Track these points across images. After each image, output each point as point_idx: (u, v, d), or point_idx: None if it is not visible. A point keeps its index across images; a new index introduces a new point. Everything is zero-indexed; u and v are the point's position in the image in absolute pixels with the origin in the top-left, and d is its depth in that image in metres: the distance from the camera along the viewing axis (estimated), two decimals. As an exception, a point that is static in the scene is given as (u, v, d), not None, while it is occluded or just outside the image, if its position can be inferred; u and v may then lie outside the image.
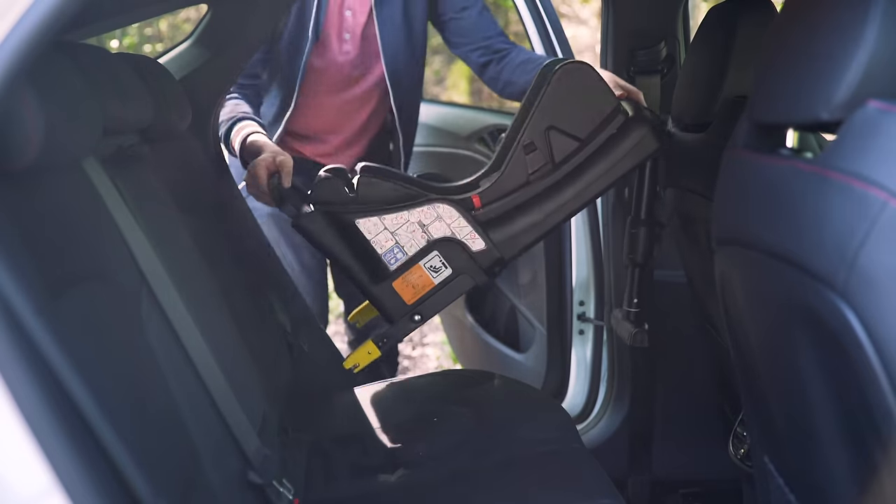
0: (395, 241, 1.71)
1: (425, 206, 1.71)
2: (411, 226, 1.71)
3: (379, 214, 1.70)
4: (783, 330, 1.06)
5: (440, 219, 1.72)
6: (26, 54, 0.84)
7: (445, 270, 1.73)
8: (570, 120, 1.75)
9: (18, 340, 0.81)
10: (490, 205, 1.75)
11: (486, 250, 1.73)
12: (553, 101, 1.74)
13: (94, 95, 1.13)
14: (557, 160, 1.75)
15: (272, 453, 1.41)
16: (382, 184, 1.74)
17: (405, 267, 1.72)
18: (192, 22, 6.33)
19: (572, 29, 7.23)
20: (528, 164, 1.75)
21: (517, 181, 1.76)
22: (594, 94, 1.76)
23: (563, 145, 1.74)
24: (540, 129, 1.74)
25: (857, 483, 1.00)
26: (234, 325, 1.60)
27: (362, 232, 1.70)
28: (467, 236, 1.72)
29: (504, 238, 1.74)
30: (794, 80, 1.00)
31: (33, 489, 0.80)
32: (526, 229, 1.75)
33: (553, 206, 1.75)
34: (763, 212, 1.07)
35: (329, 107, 2.30)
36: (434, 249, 1.72)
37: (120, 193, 1.23)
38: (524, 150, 1.75)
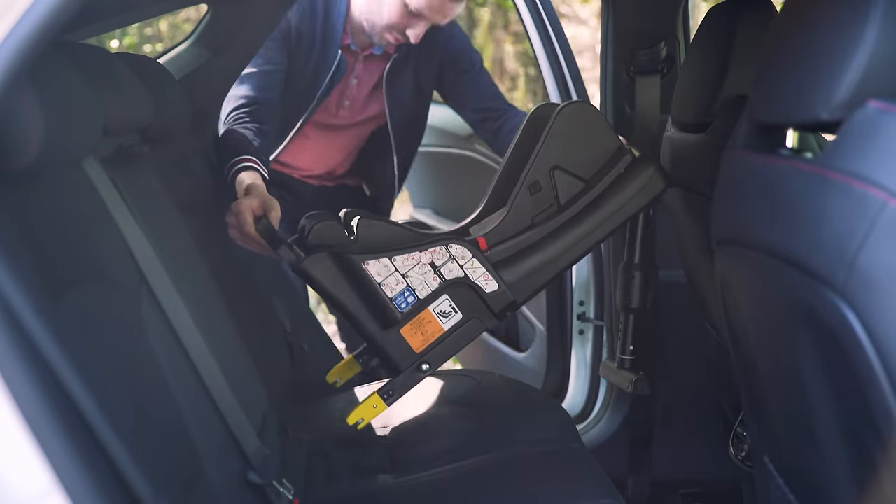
0: (406, 284, 1.62)
1: (438, 246, 1.63)
2: (423, 267, 1.62)
3: (389, 256, 1.61)
4: (783, 330, 1.06)
5: (453, 259, 1.64)
6: (26, 54, 0.84)
7: (455, 315, 1.65)
8: (575, 160, 1.71)
9: (18, 340, 0.81)
10: (496, 246, 1.70)
11: (499, 293, 1.66)
12: (557, 141, 1.70)
13: (94, 95, 1.13)
14: (563, 201, 1.71)
15: (272, 453, 1.41)
16: (383, 225, 1.67)
17: (415, 312, 1.63)
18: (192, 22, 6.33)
19: (572, 29, 7.23)
20: (532, 206, 1.71)
21: (522, 223, 1.71)
22: (598, 134, 1.73)
23: (568, 186, 1.71)
24: (544, 170, 1.70)
25: (857, 483, 1.00)
26: (234, 325, 1.60)
27: (371, 275, 1.60)
28: (480, 278, 1.65)
29: (516, 279, 1.68)
30: (794, 79, 1.00)
31: (33, 489, 0.80)
32: (537, 269, 1.69)
33: (562, 247, 1.70)
34: (763, 212, 1.07)
35: (319, 144, 2.32)
36: (445, 293, 1.64)
37: (120, 193, 1.23)
38: (529, 190, 1.71)
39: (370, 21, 2.08)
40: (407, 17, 2.04)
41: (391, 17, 2.04)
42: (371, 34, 2.11)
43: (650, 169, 1.72)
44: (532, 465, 1.63)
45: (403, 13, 2.03)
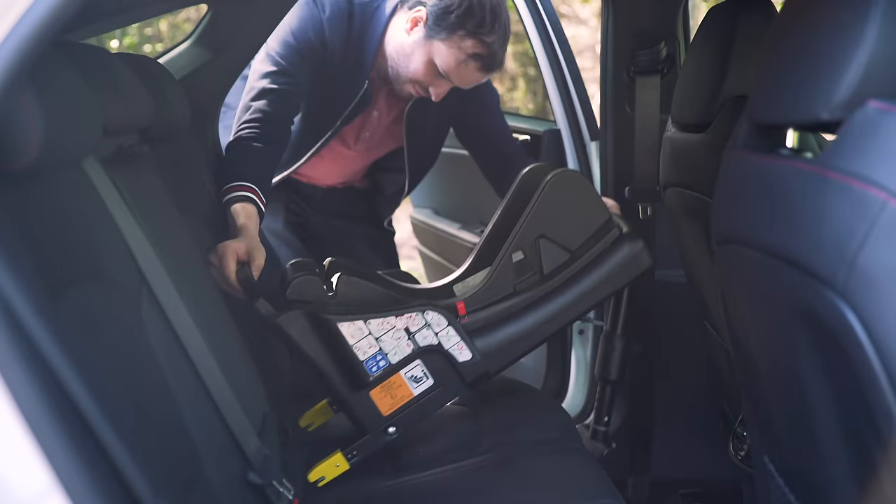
0: (378, 348, 1.60)
1: (414, 312, 1.61)
2: (397, 332, 1.60)
3: (364, 318, 1.59)
4: (783, 330, 1.06)
5: (428, 326, 1.62)
6: (26, 54, 0.84)
7: (427, 381, 1.63)
8: (562, 230, 1.70)
9: (18, 340, 0.81)
10: (475, 313, 1.68)
11: (473, 363, 1.64)
12: (545, 210, 1.68)
13: (94, 95, 1.13)
14: (546, 271, 1.69)
15: (272, 453, 1.41)
16: (364, 284, 1.66)
17: (385, 375, 1.61)
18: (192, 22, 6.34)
19: (572, 29, 7.24)
20: (515, 273, 1.69)
21: (503, 290, 1.70)
22: (587, 205, 1.71)
23: (553, 256, 1.69)
24: (530, 238, 1.69)
25: (856, 483, 1.00)
26: (234, 325, 1.60)
27: (345, 336, 1.58)
28: (454, 346, 1.63)
29: (491, 349, 1.65)
30: (794, 79, 1.00)
31: (33, 489, 0.80)
32: (514, 340, 1.67)
33: (541, 319, 1.68)
34: (763, 211, 1.07)
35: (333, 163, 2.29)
36: (418, 359, 1.62)
37: (120, 193, 1.23)
38: (512, 257, 1.69)
39: (395, 69, 2.04)
40: (433, 76, 2.00)
41: (417, 73, 2.01)
42: (394, 80, 2.06)
43: (637, 245, 1.70)
44: (532, 466, 1.63)
45: (431, 72, 2.00)
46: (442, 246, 3.18)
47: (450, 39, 1.95)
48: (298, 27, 2.03)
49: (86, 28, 1.53)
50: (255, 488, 1.35)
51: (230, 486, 1.28)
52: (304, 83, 2.05)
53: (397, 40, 2.03)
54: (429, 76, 2.01)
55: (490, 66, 2.00)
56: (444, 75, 1.99)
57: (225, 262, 1.63)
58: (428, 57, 1.98)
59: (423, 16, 1.97)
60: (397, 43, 2.03)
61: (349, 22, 2.05)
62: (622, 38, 2.16)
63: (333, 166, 2.30)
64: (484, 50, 1.96)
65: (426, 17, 1.96)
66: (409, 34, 2.00)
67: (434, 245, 3.29)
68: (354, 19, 2.06)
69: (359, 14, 2.06)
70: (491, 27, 1.95)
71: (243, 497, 1.32)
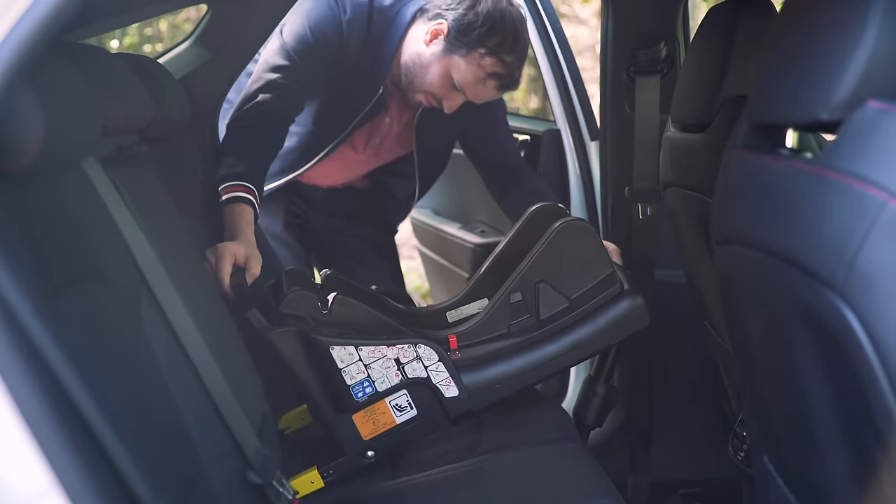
0: (366, 375, 1.60)
1: (406, 343, 1.61)
2: (387, 361, 1.60)
3: (356, 344, 1.59)
4: (783, 330, 1.06)
5: (419, 359, 1.62)
6: (26, 54, 0.84)
7: (410, 411, 1.64)
8: (563, 278, 1.69)
9: (18, 340, 0.81)
10: (467, 349, 1.68)
11: (458, 399, 1.64)
12: (549, 256, 1.68)
13: (94, 95, 1.13)
14: (543, 316, 1.69)
15: (272, 453, 1.41)
16: (359, 307, 1.65)
17: (370, 401, 1.61)
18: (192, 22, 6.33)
19: (572, 29, 7.24)
20: (511, 314, 1.69)
21: (497, 329, 1.70)
22: (591, 256, 1.71)
23: (551, 302, 1.69)
24: (530, 282, 1.69)
25: (856, 483, 1.00)
26: (234, 325, 1.60)
27: (335, 359, 1.58)
28: (443, 382, 1.63)
29: (478, 386, 1.65)
30: (794, 80, 1.00)
31: (33, 489, 0.80)
32: (502, 380, 1.66)
33: (532, 362, 1.67)
34: (763, 211, 1.07)
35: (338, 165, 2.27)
36: (404, 389, 1.63)
37: (119, 193, 1.22)
38: (510, 298, 1.69)
39: (410, 78, 2.03)
40: (448, 89, 2.00)
41: (433, 85, 2.00)
42: (406, 89, 2.05)
43: (637, 303, 1.70)
44: (532, 466, 1.63)
45: (446, 85, 1.99)
46: (442, 246, 3.18)
47: (469, 56, 1.94)
48: (317, 25, 1.99)
49: (86, 28, 1.52)
50: (254, 488, 1.35)
51: (230, 486, 1.28)
52: (312, 83, 2.03)
53: (415, 49, 2.01)
54: (444, 89, 2.00)
55: (507, 85, 2.00)
56: (459, 89, 1.99)
57: (222, 263, 1.62)
58: (445, 70, 1.97)
59: (445, 29, 1.95)
60: (414, 52, 2.01)
61: (368, 25, 2.03)
62: (622, 38, 2.16)
63: (338, 168, 2.28)
64: (503, 69, 1.95)
65: (447, 30, 1.95)
66: (427, 45, 1.98)
67: (434, 245, 3.29)
68: (374, 23, 2.04)
69: (378, 18, 2.04)
70: (511, 47, 1.94)
71: (243, 497, 1.32)
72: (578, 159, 2.43)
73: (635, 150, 2.15)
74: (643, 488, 2.28)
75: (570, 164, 2.45)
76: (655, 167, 1.99)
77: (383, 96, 2.08)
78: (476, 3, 1.94)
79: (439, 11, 1.98)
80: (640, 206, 2.17)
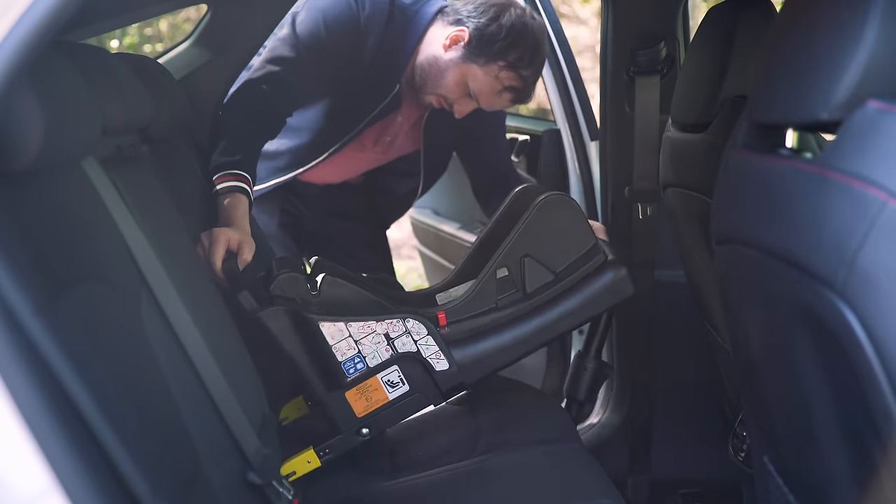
0: (357, 351, 1.62)
1: (395, 318, 1.63)
2: (377, 337, 1.62)
3: (345, 321, 1.61)
4: (783, 330, 1.06)
5: (408, 334, 1.64)
6: (26, 54, 0.84)
7: (402, 387, 1.65)
8: (548, 251, 1.72)
9: (18, 341, 0.81)
10: (455, 324, 1.70)
11: (449, 372, 1.66)
12: (533, 230, 1.71)
13: (94, 95, 1.13)
14: (529, 290, 1.71)
15: (272, 453, 1.41)
16: (347, 286, 1.67)
17: (362, 378, 1.63)
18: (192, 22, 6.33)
19: (572, 29, 7.23)
20: (498, 289, 1.71)
21: (485, 304, 1.72)
22: (574, 230, 1.74)
23: (536, 276, 1.71)
24: (516, 256, 1.71)
25: (856, 483, 1.00)
26: (233, 325, 1.60)
27: (325, 336, 1.60)
28: (433, 355, 1.65)
29: (468, 360, 1.68)
30: (794, 80, 1.00)
31: (33, 489, 0.80)
32: (491, 354, 1.69)
33: (519, 336, 1.70)
34: (762, 211, 1.07)
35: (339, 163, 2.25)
36: (395, 364, 1.64)
37: (119, 193, 1.22)
38: (496, 273, 1.71)
39: (424, 80, 2.02)
40: (462, 95, 1.99)
41: (447, 90, 1.99)
42: (419, 90, 2.04)
43: (621, 272, 1.73)
44: (532, 466, 1.63)
45: (460, 91, 1.98)
46: (442, 246, 3.18)
47: (488, 67, 1.93)
48: (333, 22, 1.97)
49: (86, 28, 1.53)
50: (254, 488, 1.35)
51: (230, 486, 1.28)
52: (315, 80, 2.01)
53: (432, 52, 2.00)
54: (457, 95, 2.00)
55: (522, 98, 2.00)
56: (473, 97, 1.98)
57: (215, 247, 1.62)
58: (462, 77, 1.96)
59: (465, 36, 1.94)
60: (431, 55, 2.00)
61: (388, 23, 2.01)
62: (622, 38, 2.16)
63: (341, 166, 2.27)
64: (519, 83, 1.95)
65: (468, 38, 1.94)
66: (446, 50, 1.97)
67: (434, 245, 3.29)
68: (394, 20, 2.01)
69: (399, 16, 2.02)
70: (530, 62, 1.94)
71: (243, 497, 1.32)
72: (578, 159, 2.43)
73: (635, 150, 2.15)
74: (643, 488, 2.28)
75: (570, 164, 2.45)
76: (655, 167, 1.99)
77: (398, 94, 2.07)
78: (500, 14, 1.94)
79: (461, 17, 1.97)
80: (640, 206, 2.17)
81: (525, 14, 1.96)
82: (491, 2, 1.97)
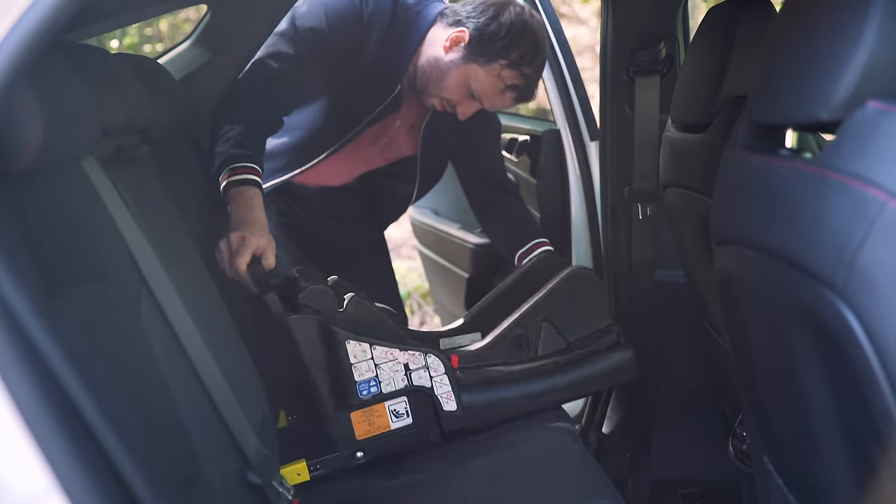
0: (375, 374, 1.64)
1: (418, 351, 1.68)
2: (397, 365, 1.66)
3: (371, 342, 1.64)
4: (782, 330, 1.06)
5: (426, 368, 1.68)
6: (26, 54, 0.84)
7: (406, 419, 1.68)
8: (566, 321, 1.83)
9: (17, 341, 0.81)
10: (467, 370, 1.75)
11: (455, 415, 1.70)
12: (555, 298, 1.81)
13: (94, 96, 1.13)
14: (540, 353, 1.80)
15: (272, 453, 1.41)
16: (374, 311, 1.70)
17: (372, 402, 1.65)
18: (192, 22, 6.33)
19: (572, 29, 7.23)
20: (512, 345, 1.79)
21: (497, 357, 1.79)
22: (594, 305, 1.86)
23: (550, 341, 1.81)
24: (535, 319, 1.80)
25: (856, 483, 1.00)
26: (233, 325, 1.60)
27: (349, 353, 1.63)
28: (444, 395, 1.70)
29: (475, 407, 1.73)
30: (794, 80, 1.00)
31: (33, 490, 0.80)
32: (497, 404, 1.75)
33: (526, 392, 1.77)
34: (762, 212, 1.07)
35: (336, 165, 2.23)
36: (405, 395, 1.67)
37: (119, 194, 1.22)
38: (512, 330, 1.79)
39: (425, 82, 2.00)
40: (464, 96, 1.99)
41: (450, 92, 1.98)
42: (421, 92, 2.03)
43: (628, 355, 1.85)
44: (532, 466, 1.63)
45: (463, 93, 1.98)
46: (442, 246, 3.18)
47: (489, 66, 1.93)
48: (336, 18, 1.94)
49: (86, 28, 1.53)
50: (254, 488, 1.35)
51: (229, 486, 1.28)
52: (313, 77, 1.98)
53: (433, 54, 1.99)
54: (460, 96, 1.99)
55: (524, 97, 2.00)
56: (476, 97, 1.98)
57: (242, 251, 1.62)
58: (464, 79, 1.96)
59: (466, 37, 1.93)
60: (433, 57, 1.99)
61: (391, 21, 1.99)
62: (622, 38, 2.16)
63: (338, 168, 2.25)
64: (522, 82, 1.95)
65: (469, 38, 1.93)
66: (446, 52, 1.96)
67: (434, 245, 3.29)
68: (397, 20, 2.00)
69: (402, 15, 2.01)
70: (531, 59, 1.94)
71: (242, 497, 1.32)
72: (578, 159, 2.43)
73: (635, 150, 2.14)
74: (643, 488, 2.28)
75: (570, 165, 2.45)
76: (655, 167, 1.99)
77: (400, 95, 2.06)
78: (499, 13, 1.93)
79: (460, 18, 1.96)
80: (640, 206, 2.17)
81: (524, 12, 1.96)
82: (490, 1, 1.97)
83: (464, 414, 1.70)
